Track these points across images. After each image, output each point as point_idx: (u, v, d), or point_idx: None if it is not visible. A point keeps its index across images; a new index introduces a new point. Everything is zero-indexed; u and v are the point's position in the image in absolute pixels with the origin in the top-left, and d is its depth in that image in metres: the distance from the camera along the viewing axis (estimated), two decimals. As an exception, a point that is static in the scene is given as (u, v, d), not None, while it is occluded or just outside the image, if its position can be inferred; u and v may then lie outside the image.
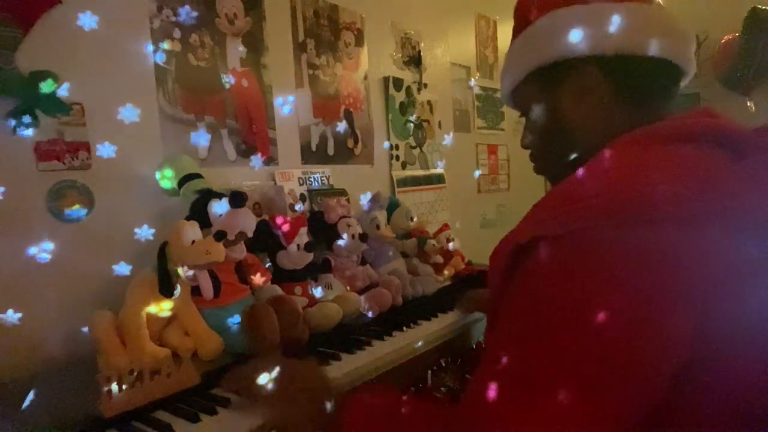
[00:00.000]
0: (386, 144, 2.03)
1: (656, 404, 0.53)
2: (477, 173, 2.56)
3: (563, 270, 0.55)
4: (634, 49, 0.67)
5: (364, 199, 1.60)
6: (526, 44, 0.75)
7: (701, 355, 0.52)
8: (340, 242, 1.42)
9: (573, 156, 0.72)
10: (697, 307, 0.51)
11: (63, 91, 1.09)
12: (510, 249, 0.60)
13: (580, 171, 0.60)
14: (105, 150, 1.15)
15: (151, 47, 1.27)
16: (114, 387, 0.82)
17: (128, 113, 1.17)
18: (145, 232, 1.13)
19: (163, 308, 1.01)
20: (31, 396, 0.87)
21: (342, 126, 1.81)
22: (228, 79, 1.44)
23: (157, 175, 1.24)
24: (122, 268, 1.10)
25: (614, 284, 0.51)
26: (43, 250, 1.05)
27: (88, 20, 1.11)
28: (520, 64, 0.76)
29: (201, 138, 1.35)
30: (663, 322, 0.51)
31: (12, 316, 0.98)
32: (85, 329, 0.99)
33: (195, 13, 1.35)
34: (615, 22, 0.67)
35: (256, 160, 1.48)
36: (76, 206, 1.12)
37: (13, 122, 1.03)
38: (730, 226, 0.52)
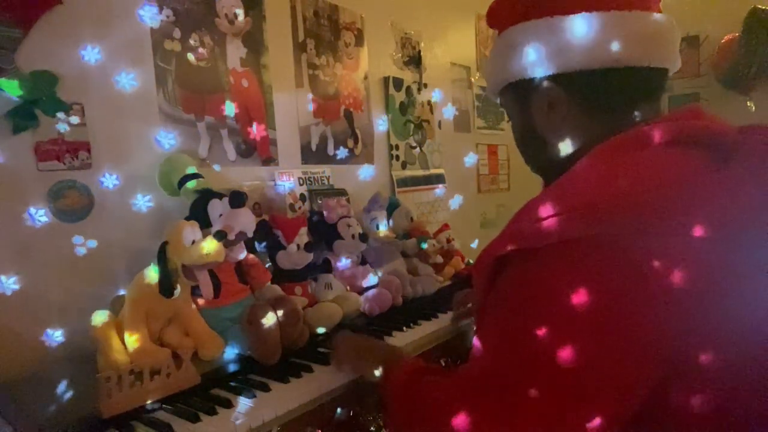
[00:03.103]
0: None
1: (638, 408, 0.53)
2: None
3: (540, 281, 0.56)
4: (591, 63, 0.64)
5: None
6: (495, 59, 0.76)
7: (683, 361, 0.52)
8: (340, 242, 1.42)
9: (554, 161, 0.71)
10: (677, 313, 0.51)
11: (63, 91, 1.09)
12: (491, 259, 0.61)
13: (560, 180, 0.60)
14: (105, 150, 1.15)
15: (151, 47, 1.27)
16: (114, 387, 0.82)
17: (128, 113, 1.17)
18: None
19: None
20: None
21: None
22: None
23: (157, 175, 1.24)
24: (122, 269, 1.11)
25: (592, 294, 0.51)
26: (42, 250, 1.05)
27: (88, 20, 1.11)
28: (494, 77, 0.78)
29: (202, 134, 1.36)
30: (641, 330, 0.51)
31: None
32: (86, 329, 0.99)
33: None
34: (566, 39, 0.65)
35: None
36: (76, 206, 1.12)
37: (13, 122, 1.03)
38: (710, 233, 0.52)
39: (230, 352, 1.05)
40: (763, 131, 0.61)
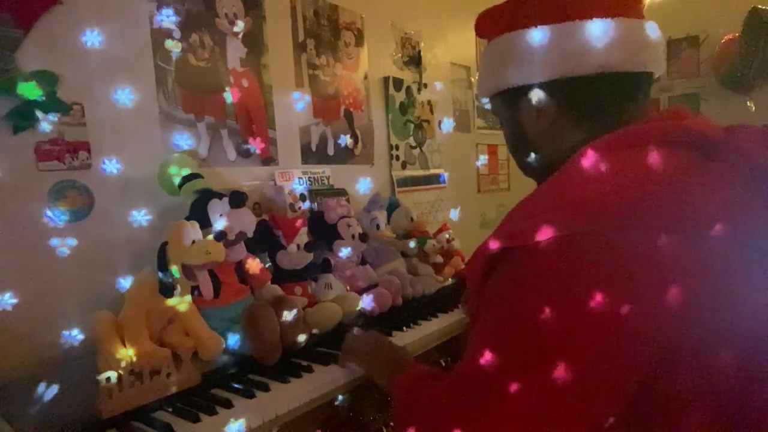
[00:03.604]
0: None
1: (628, 403, 0.53)
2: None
3: (530, 279, 0.56)
4: (577, 70, 0.65)
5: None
6: (484, 67, 0.78)
7: (671, 358, 0.52)
8: (340, 242, 1.42)
9: (545, 165, 0.72)
10: (668, 310, 0.51)
11: (63, 91, 1.09)
12: (483, 259, 0.62)
13: (549, 180, 0.61)
14: (105, 150, 1.15)
15: (150, 47, 1.27)
16: (114, 387, 0.82)
17: (128, 113, 1.17)
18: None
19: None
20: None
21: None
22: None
23: (157, 175, 1.24)
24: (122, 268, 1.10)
25: (582, 291, 0.52)
26: (42, 251, 1.05)
27: (88, 20, 1.11)
28: (485, 85, 0.79)
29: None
30: (631, 326, 0.52)
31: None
32: (86, 329, 0.99)
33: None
34: (552, 48, 0.66)
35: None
36: (76, 206, 1.12)
37: (13, 122, 1.03)
38: (699, 230, 0.53)
39: (230, 352, 1.05)
40: (748, 130, 0.62)
